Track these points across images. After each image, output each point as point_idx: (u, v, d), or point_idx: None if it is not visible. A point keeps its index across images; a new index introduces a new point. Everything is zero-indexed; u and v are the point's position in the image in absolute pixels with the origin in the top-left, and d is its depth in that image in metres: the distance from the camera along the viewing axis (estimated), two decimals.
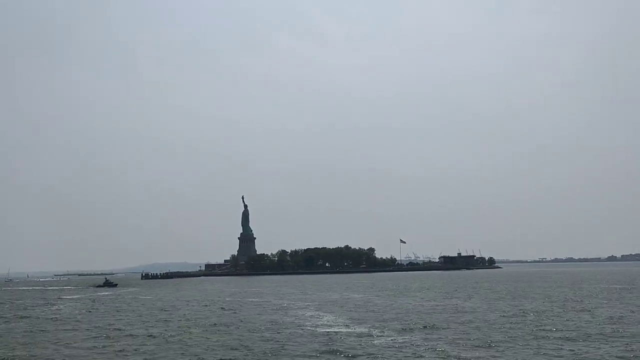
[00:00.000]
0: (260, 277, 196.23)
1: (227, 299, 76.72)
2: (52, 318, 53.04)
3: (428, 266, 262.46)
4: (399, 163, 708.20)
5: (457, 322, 40.94)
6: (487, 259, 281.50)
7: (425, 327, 38.24)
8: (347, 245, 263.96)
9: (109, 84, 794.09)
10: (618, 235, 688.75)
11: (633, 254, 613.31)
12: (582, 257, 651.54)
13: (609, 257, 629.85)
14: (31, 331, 42.02)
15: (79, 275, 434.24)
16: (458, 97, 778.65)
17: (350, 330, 37.83)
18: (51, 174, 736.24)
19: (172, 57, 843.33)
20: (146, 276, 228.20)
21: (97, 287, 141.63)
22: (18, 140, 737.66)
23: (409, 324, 40.41)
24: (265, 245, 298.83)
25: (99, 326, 44.08)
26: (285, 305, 61.26)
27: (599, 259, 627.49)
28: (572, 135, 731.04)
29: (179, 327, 42.24)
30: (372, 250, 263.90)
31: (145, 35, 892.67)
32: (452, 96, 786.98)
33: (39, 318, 53.59)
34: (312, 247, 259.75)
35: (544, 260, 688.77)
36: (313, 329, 38.80)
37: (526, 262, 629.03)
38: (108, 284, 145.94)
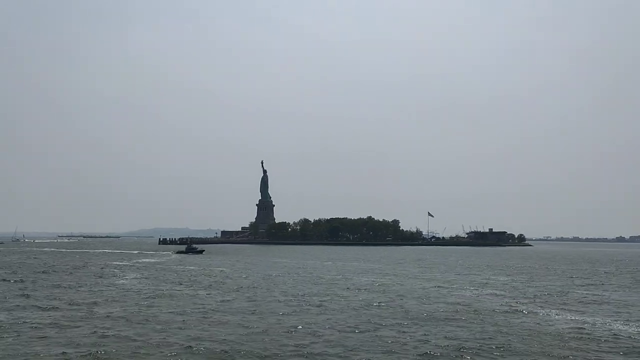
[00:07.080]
0: (284, 247, 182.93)
1: (396, 286, 48.24)
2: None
3: (455, 241, 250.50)
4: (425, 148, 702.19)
5: None
6: (516, 236, 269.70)
7: None
8: (371, 217, 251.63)
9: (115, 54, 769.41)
10: (624, 216, 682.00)
11: None
12: (589, 237, 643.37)
13: (617, 237, 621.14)
14: None
15: (84, 237, 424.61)
16: (488, 84, 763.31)
17: None
18: (54, 140, 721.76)
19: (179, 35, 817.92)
20: (164, 241, 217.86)
21: (180, 252, 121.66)
22: (20, 105, 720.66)
23: None
24: (281, 214, 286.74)
25: None
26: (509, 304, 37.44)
27: (605, 239, 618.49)
28: (579, 120, 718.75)
29: None
30: (397, 222, 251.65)
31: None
32: (481, 83, 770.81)
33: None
34: (335, 217, 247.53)
35: (548, 238, 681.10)
36: None
37: (531, 239, 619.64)
38: (192, 249, 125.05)
